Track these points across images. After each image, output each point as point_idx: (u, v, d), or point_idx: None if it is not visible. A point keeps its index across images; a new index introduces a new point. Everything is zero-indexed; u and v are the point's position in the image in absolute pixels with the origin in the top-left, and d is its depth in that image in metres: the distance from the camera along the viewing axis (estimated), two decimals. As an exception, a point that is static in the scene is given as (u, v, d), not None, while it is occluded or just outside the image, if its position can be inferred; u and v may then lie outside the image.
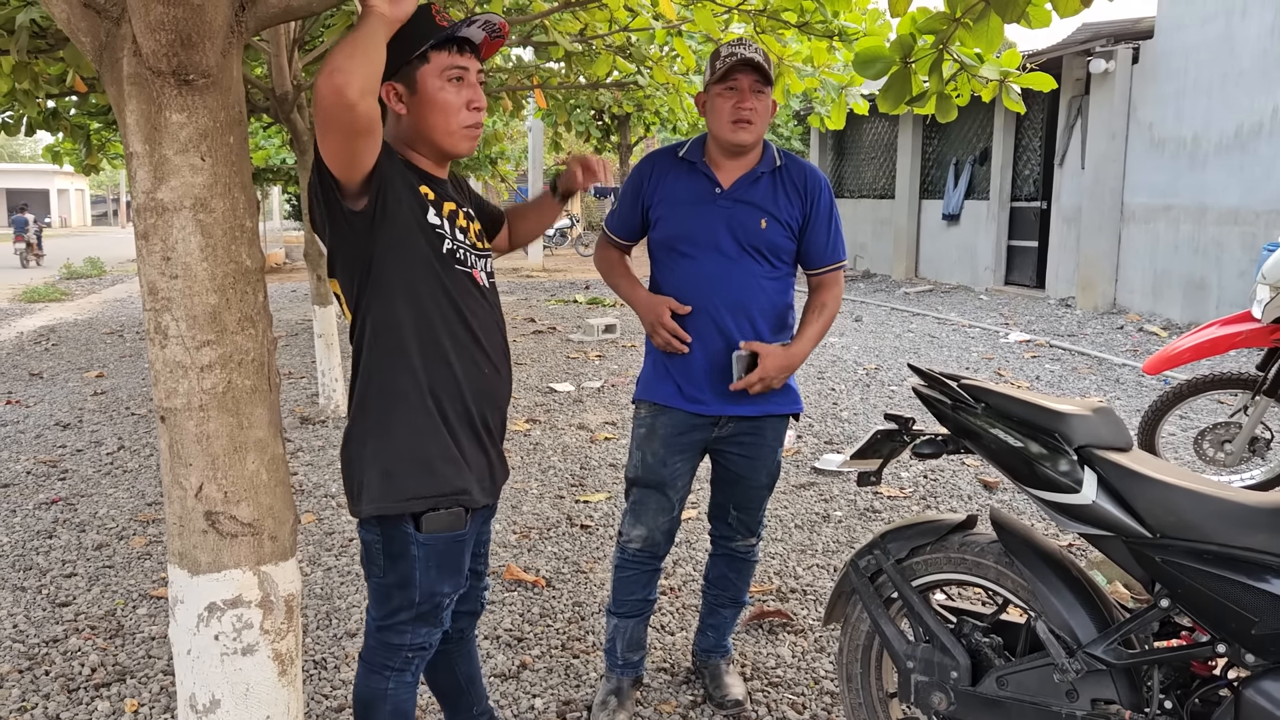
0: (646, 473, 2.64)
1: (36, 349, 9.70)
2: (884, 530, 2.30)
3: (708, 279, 2.55)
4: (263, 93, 6.03)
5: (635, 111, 11.11)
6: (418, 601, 1.97)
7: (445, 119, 1.91)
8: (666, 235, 2.60)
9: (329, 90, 1.61)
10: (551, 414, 6.51)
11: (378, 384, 1.92)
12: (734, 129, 2.50)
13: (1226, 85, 9.61)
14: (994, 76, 2.84)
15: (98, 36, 1.57)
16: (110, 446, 5.78)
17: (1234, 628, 1.79)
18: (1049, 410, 1.99)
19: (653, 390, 2.66)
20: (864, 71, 2.73)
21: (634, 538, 2.69)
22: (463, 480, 1.95)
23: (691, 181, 2.60)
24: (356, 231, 1.85)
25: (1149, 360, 4.61)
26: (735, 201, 2.56)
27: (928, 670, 2.12)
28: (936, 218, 15.14)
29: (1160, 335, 9.38)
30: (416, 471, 1.91)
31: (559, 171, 2.37)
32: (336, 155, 1.74)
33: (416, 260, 1.90)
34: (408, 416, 1.91)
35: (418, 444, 1.91)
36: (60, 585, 3.73)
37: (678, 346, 2.57)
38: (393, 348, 1.90)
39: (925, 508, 4.53)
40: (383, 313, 1.90)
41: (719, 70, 2.49)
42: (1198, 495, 1.83)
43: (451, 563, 1.98)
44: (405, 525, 1.92)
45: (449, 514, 1.93)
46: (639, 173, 2.67)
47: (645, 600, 2.76)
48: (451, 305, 1.94)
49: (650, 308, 2.60)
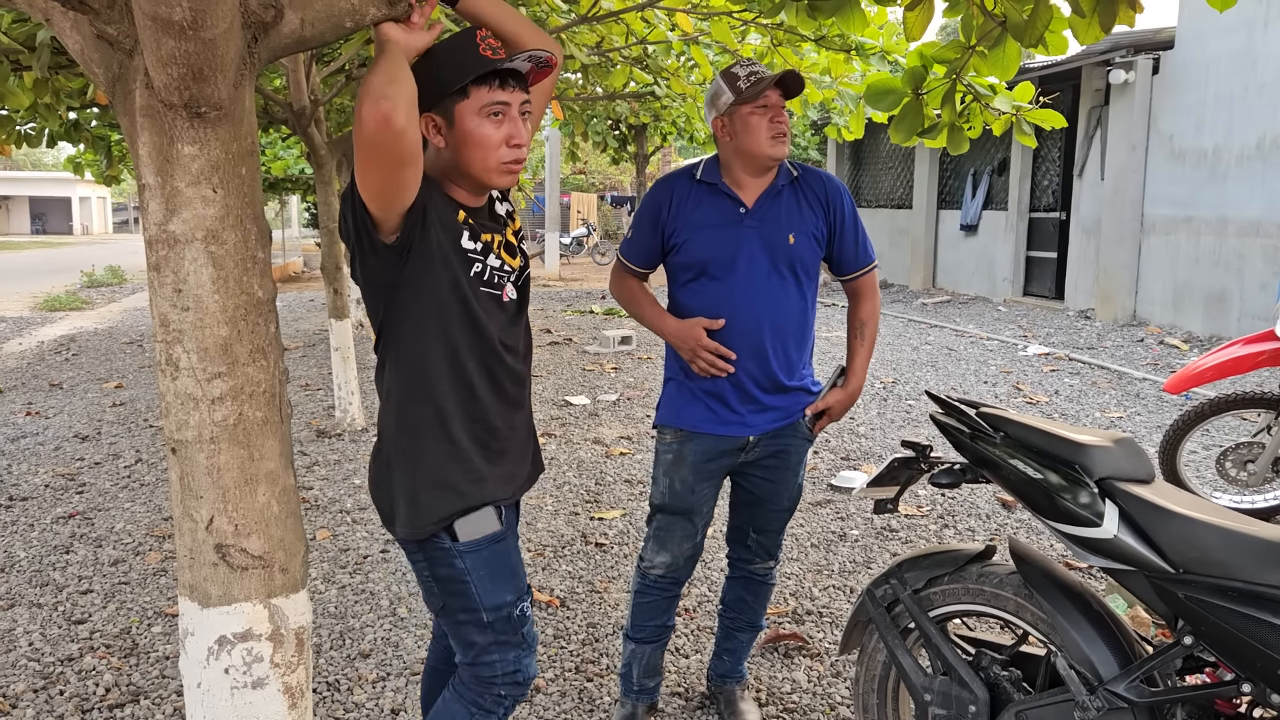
0: (674, 500, 2.61)
1: (57, 359, 9.77)
2: (901, 559, 2.27)
3: (740, 300, 2.52)
4: (280, 106, 6.06)
5: (652, 121, 11.12)
6: (486, 621, 1.95)
7: (483, 155, 1.85)
8: (695, 259, 2.55)
9: (376, 117, 1.58)
10: (567, 428, 6.50)
11: (402, 409, 1.92)
12: (774, 144, 2.48)
13: (1248, 97, 9.52)
14: (1006, 109, 2.82)
15: (111, 68, 1.57)
16: (128, 459, 5.80)
17: (1259, 666, 1.75)
18: (1069, 441, 1.95)
19: (679, 415, 2.61)
20: (876, 105, 2.72)
21: (657, 564, 2.66)
22: (486, 494, 1.95)
23: (715, 203, 2.56)
24: (385, 263, 1.82)
25: (1171, 379, 4.56)
26: (762, 220, 2.53)
27: (945, 704, 2.09)
28: (954, 228, 15.07)
29: (1181, 348, 9.29)
30: (440, 495, 1.91)
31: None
32: (380, 189, 1.70)
33: (443, 287, 1.86)
34: (431, 444, 1.91)
35: (441, 469, 1.92)
36: (76, 602, 3.73)
37: (723, 367, 2.53)
38: (416, 375, 1.90)
39: (943, 527, 4.49)
40: (406, 340, 1.89)
41: (747, 91, 2.45)
42: (1222, 530, 1.80)
43: (502, 566, 1.96)
44: (441, 541, 1.92)
45: (479, 515, 1.92)
46: (655, 200, 2.62)
47: (664, 626, 2.74)
48: (476, 329, 1.91)
49: (685, 333, 2.55)
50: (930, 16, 2.33)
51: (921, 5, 2.30)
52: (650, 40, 4.94)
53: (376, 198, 1.72)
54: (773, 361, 2.55)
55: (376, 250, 1.80)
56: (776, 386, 2.57)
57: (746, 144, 2.50)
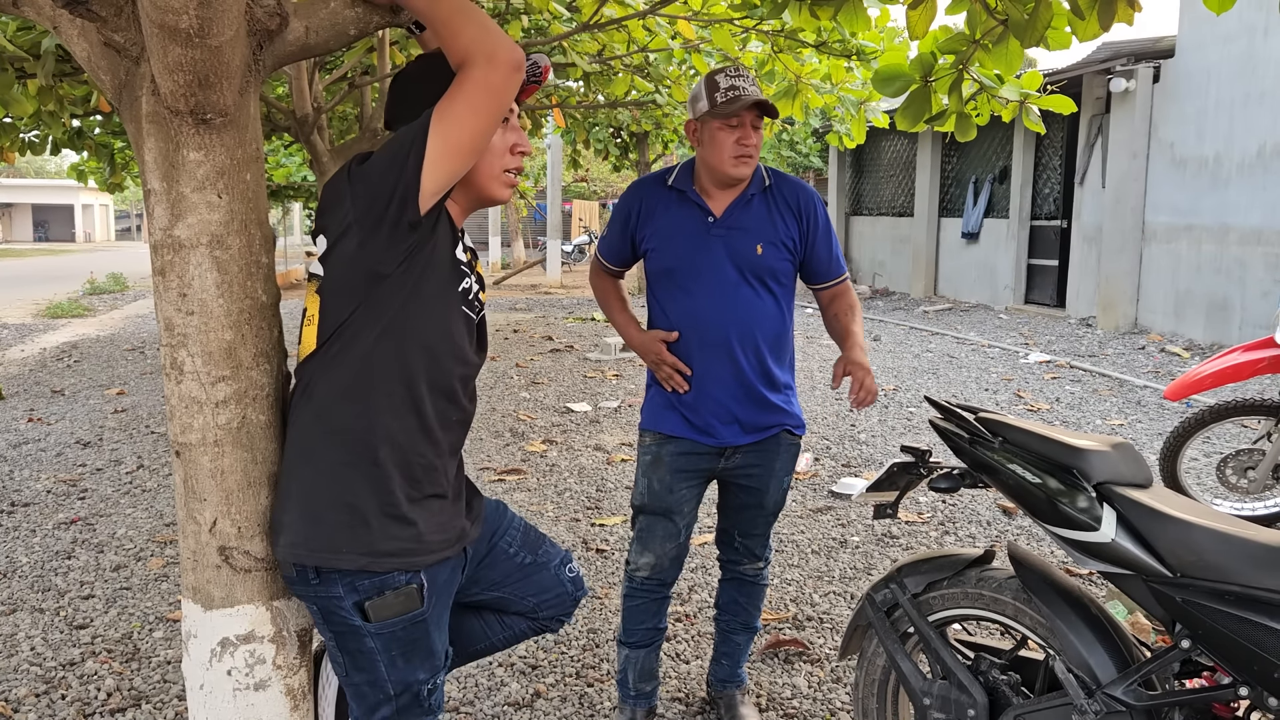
0: (653, 499, 2.63)
1: (59, 365, 9.79)
2: (901, 564, 2.28)
3: (712, 309, 2.53)
4: (283, 114, 6.08)
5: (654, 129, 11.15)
6: (392, 694, 1.76)
7: (488, 161, 1.76)
8: (664, 267, 2.58)
9: (513, 61, 1.58)
10: (568, 434, 6.51)
11: (327, 409, 1.66)
12: (736, 164, 2.48)
13: (1249, 105, 9.54)
14: (1014, 97, 2.84)
15: (117, 75, 1.59)
16: (130, 465, 5.81)
17: (1257, 670, 1.75)
18: (1067, 446, 1.96)
19: (658, 420, 2.64)
20: (883, 89, 2.73)
21: (641, 565, 2.67)
22: (406, 539, 1.70)
23: (683, 212, 2.57)
24: (390, 246, 1.63)
25: (1171, 386, 4.57)
26: (729, 229, 2.54)
27: (944, 708, 2.10)
28: (956, 236, 15.09)
29: (1182, 356, 9.29)
30: (345, 521, 1.65)
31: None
32: (476, 142, 1.63)
33: (432, 292, 1.71)
34: (349, 458, 1.66)
35: (353, 490, 1.66)
36: (78, 607, 3.74)
37: (679, 383, 2.56)
38: (360, 380, 1.66)
39: (943, 533, 4.49)
40: (364, 340, 1.66)
41: (722, 107, 2.43)
42: (1219, 534, 1.80)
43: (419, 645, 1.75)
44: (351, 618, 1.67)
45: (397, 596, 1.68)
46: (626, 204, 2.65)
47: (655, 629, 2.74)
48: (445, 348, 1.74)
49: (646, 347, 2.59)
50: (933, 14, 2.35)
51: (924, 3, 2.31)
52: (652, 48, 4.96)
53: (459, 154, 1.62)
54: (747, 372, 2.55)
55: (396, 225, 1.62)
56: (753, 398, 2.57)
57: (710, 157, 2.50)
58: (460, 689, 3.04)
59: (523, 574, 2.07)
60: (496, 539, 2.04)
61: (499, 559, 2.04)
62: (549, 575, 2.10)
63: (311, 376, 1.68)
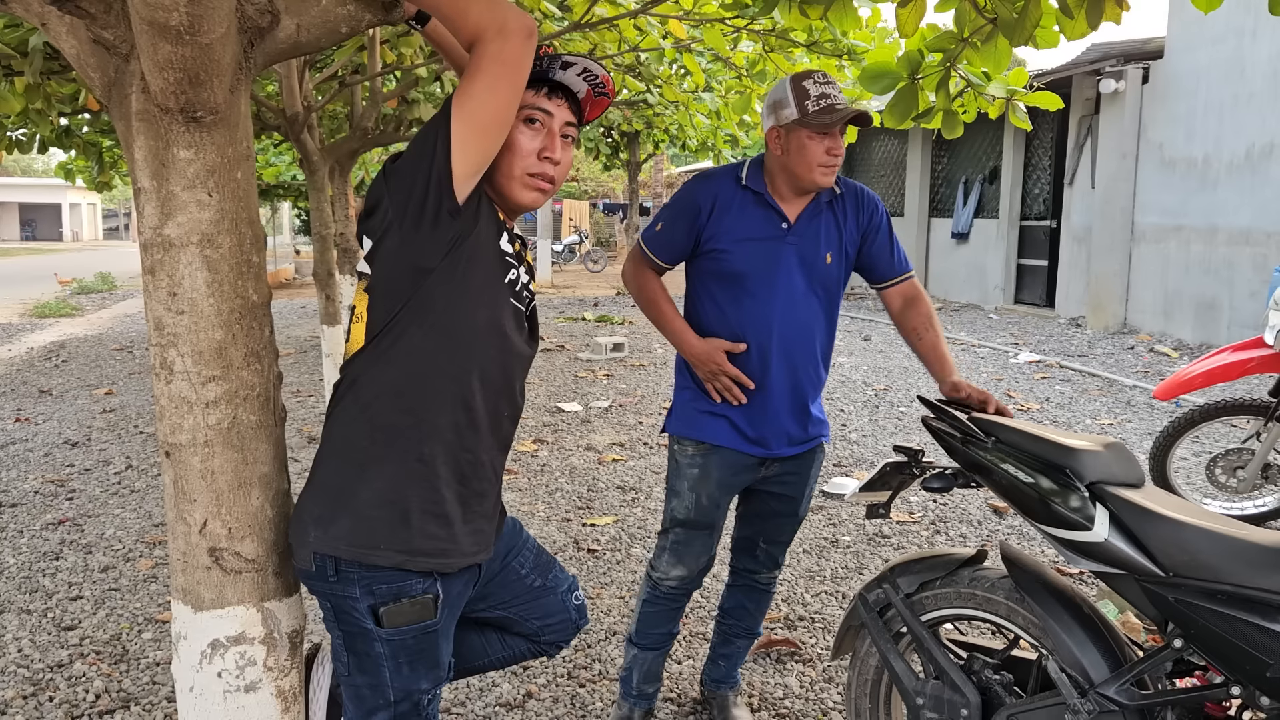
0: (700, 515, 2.55)
1: (46, 365, 9.73)
2: (893, 564, 2.28)
3: (781, 318, 2.46)
4: (273, 112, 6.06)
5: (644, 129, 11.15)
6: (392, 700, 1.75)
7: (509, 161, 1.71)
8: (734, 271, 2.46)
9: (525, 29, 1.55)
10: (559, 434, 6.50)
11: (377, 408, 1.66)
12: (824, 173, 2.39)
13: (1237, 106, 9.59)
14: (1001, 94, 2.85)
15: (106, 73, 1.57)
16: (118, 466, 5.78)
17: (1249, 670, 1.76)
18: (1060, 446, 1.96)
19: (700, 427, 2.53)
20: (871, 86, 2.73)
21: (672, 577, 2.62)
22: (443, 539, 1.70)
23: (758, 215, 2.47)
24: (434, 238, 1.62)
25: (1160, 386, 4.59)
26: (801, 237, 2.47)
27: (937, 707, 2.10)
28: (946, 236, 15.13)
29: (1171, 356, 9.33)
30: (388, 518, 1.66)
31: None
32: (501, 116, 1.61)
33: (479, 283, 1.69)
34: (398, 455, 1.67)
35: (400, 487, 1.67)
36: (66, 608, 3.72)
37: (737, 395, 2.47)
38: (413, 377, 1.66)
39: (935, 533, 4.50)
40: (414, 336, 1.65)
41: (815, 118, 2.33)
42: (1211, 534, 1.81)
43: (425, 655, 1.75)
44: (364, 620, 1.67)
45: (412, 604, 1.68)
46: (695, 199, 2.49)
47: (669, 634, 2.73)
48: (496, 341, 1.73)
49: (707, 355, 2.47)
50: (923, 12, 2.35)
51: (914, 1, 2.32)
52: (643, 48, 4.95)
53: (486, 133, 1.61)
54: (804, 383, 2.52)
55: (436, 216, 1.61)
56: (804, 410, 2.54)
57: (796, 166, 2.39)
58: (451, 689, 3.03)
59: (531, 596, 2.06)
60: (510, 558, 2.02)
61: (510, 578, 2.02)
62: (555, 600, 2.10)
63: (359, 373, 1.69)
